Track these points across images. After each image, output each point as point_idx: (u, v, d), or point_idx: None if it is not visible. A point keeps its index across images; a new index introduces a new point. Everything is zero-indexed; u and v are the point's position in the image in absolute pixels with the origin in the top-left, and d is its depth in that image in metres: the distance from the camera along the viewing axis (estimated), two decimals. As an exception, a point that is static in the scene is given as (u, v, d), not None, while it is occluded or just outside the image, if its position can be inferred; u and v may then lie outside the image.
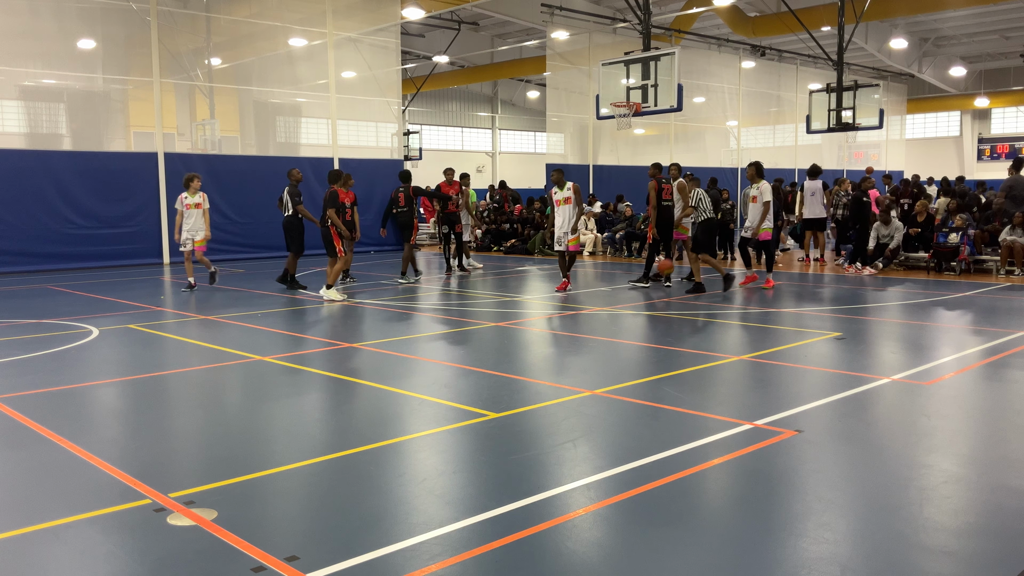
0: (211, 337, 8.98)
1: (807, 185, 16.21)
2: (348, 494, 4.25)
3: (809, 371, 7.16)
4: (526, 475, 4.51)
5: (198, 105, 21.07)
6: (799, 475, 4.49)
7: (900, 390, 6.42)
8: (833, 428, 5.41)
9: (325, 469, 4.69)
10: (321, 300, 11.84)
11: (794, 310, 10.76)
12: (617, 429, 5.41)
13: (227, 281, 14.51)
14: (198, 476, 4.59)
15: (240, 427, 5.66)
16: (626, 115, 16.30)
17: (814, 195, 16.05)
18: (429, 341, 8.93)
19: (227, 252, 18.75)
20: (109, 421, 5.92)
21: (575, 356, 8.08)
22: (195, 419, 5.87)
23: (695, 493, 4.26)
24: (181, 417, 5.97)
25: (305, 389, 6.76)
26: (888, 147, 37.78)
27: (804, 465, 4.67)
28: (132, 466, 4.72)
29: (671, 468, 4.54)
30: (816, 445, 5.01)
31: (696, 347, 8.34)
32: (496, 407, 5.88)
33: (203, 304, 11.55)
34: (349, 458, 4.84)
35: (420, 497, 4.25)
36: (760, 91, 31.85)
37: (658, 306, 11.19)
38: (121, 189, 17.53)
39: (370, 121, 23.12)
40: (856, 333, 9.00)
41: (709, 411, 5.79)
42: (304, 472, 4.64)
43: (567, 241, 12.57)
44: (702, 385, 6.77)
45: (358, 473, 4.56)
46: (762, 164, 12.93)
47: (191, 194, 12.84)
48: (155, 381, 7.04)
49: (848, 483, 4.40)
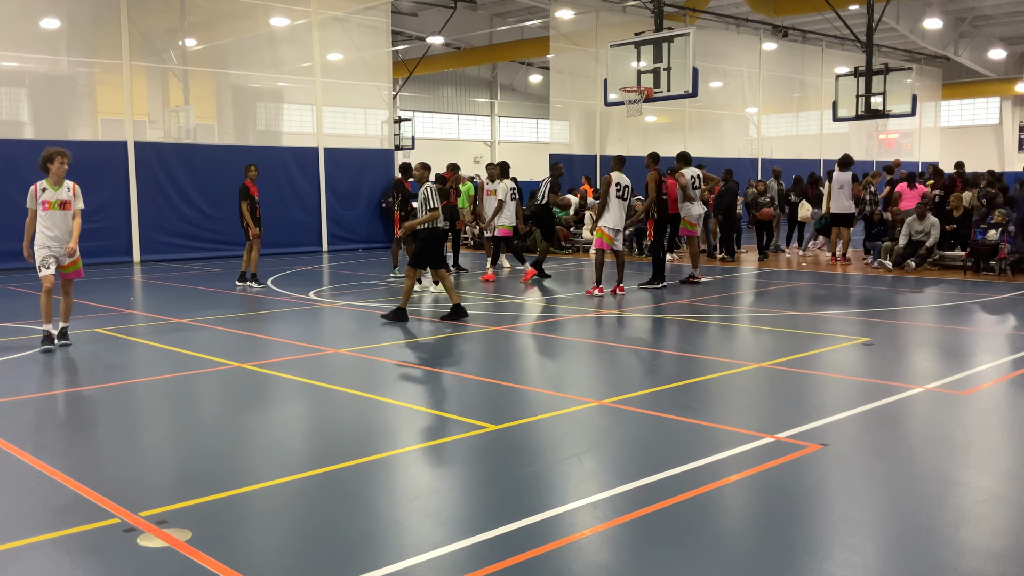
0: (184, 342, 8.98)
1: (836, 176, 16.19)
2: (333, 513, 4.25)
3: (835, 379, 7.16)
4: (527, 493, 4.50)
5: (171, 90, 21.06)
6: (824, 493, 4.49)
7: (934, 400, 6.41)
8: (861, 442, 5.40)
9: (308, 486, 4.68)
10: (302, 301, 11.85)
11: (819, 313, 10.76)
12: (626, 443, 5.41)
13: (202, 282, 14.52)
14: (171, 493, 4.58)
15: (216, 440, 5.66)
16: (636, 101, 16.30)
17: (842, 188, 16.03)
18: (421, 346, 8.93)
19: (201, 250, 18.77)
20: (74, 433, 5.91)
21: (580, 363, 8.08)
22: (167, 431, 5.87)
23: (711, 512, 4.26)
24: (152, 429, 5.96)
25: (287, 398, 6.76)
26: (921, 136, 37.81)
27: (829, 482, 4.66)
28: (99, 482, 4.72)
29: (685, 485, 4.54)
30: (843, 460, 5.00)
31: (712, 353, 8.33)
32: (495, 418, 5.88)
33: (176, 306, 11.55)
34: (334, 474, 4.84)
35: (412, 517, 4.25)
36: (782, 75, 31.86)
37: (670, 309, 11.19)
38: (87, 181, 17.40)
39: (358, 108, 23.12)
40: (886, 338, 9.00)
41: (726, 423, 5.79)
42: (285, 489, 4.64)
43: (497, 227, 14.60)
44: (719, 395, 6.76)
45: (344, 490, 4.56)
46: (508, 165, 14.83)
47: (53, 184, 8.52)
48: (124, 390, 7.03)
49: (877, 502, 4.40)
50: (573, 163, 26.55)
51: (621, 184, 12.15)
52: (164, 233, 18.46)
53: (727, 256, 17.05)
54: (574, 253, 19.27)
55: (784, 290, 13.15)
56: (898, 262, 14.97)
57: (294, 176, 20.32)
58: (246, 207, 13.03)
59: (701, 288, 12.93)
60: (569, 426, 5.76)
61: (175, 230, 18.56)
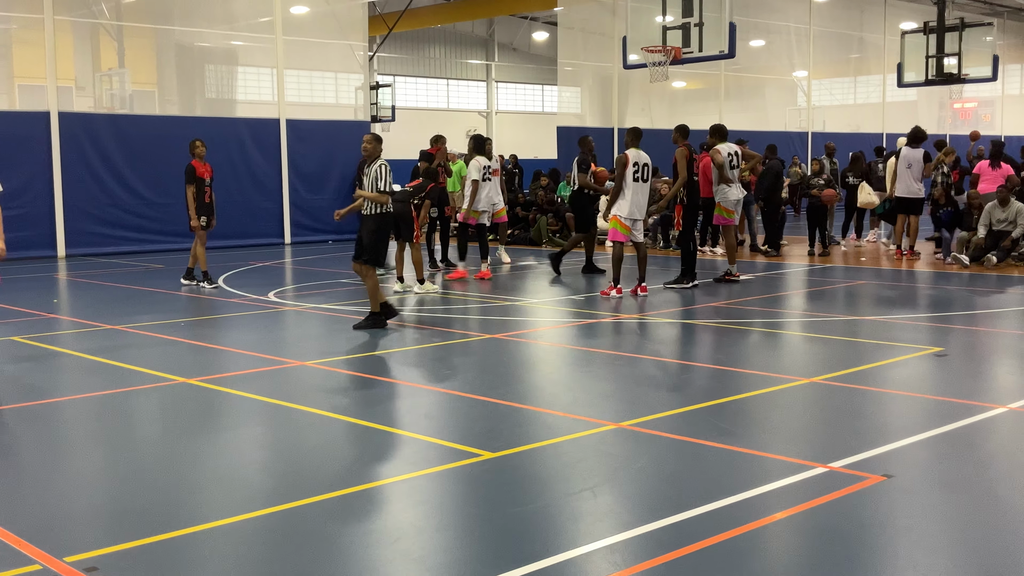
0: (120, 353, 8.98)
1: (904, 154, 16.06)
2: (299, 558, 4.25)
3: (900, 397, 7.16)
4: (531, 533, 4.51)
5: (103, 50, 21.07)
6: (887, 534, 4.49)
7: (1020, 422, 6.41)
8: (932, 472, 5.40)
9: (269, 525, 4.69)
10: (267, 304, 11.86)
11: (881, 318, 10.76)
12: (649, 473, 5.41)
13: (141, 281, 14.53)
14: (103, 535, 4.58)
15: (158, 471, 5.66)
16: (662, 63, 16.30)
17: (911, 167, 15.91)
18: (405, 357, 8.93)
19: (140, 242, 18.78)
20: (-13, 463, 5.92)
21: (594, 378, 8.09)
22: (99, 461, 5.87)
23: (751, 557, 4.26)
24: (81, 458, 5.96)
25: (242, 420, 6.76)
26: (1004, 105, 37.80)
27: (894, 520, 4.67)
28: (17, 522, 4.71)
29: (720, 524, 4.55)
30: (910, 494, 5.01)
31: (752, 366, 8.34)
32: (492, 444, 5.89)
33: (109, 310, 11.56)
34: (300, 511, 4.84)
35: (393, 562, 4.25)
36: (837, 32, 31.85)
37: (701, 313, 11.20)
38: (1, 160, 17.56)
39: (327, 71, 23.12)
40: (962, 348, 9.00)
41: (769, 450, 5.79)
42: (241, 529, 4.64)
43: (493, 213, 15.06)
44: (760, 416, 6.76)
45: (312, 531, 4.57)
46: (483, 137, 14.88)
47: None
48: (46, 411, 7.03)
49: (951, 544, 4.40)
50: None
51: (639, 163, 12.10)
52: (95, 222, 18.46)
53: (771, 250, 17.05)
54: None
55: (839, 290, 13.16)
56: (976, 256, 14.98)
57: (250, 153, 20.32)
58: (191, 192, 12.96)
59: (740, 288, 12.94)
60: (580, 453, 5.76)
61: (108, 219, 18.57)
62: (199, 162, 13.04)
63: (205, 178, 13.08)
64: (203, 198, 13.05)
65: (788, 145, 28.28)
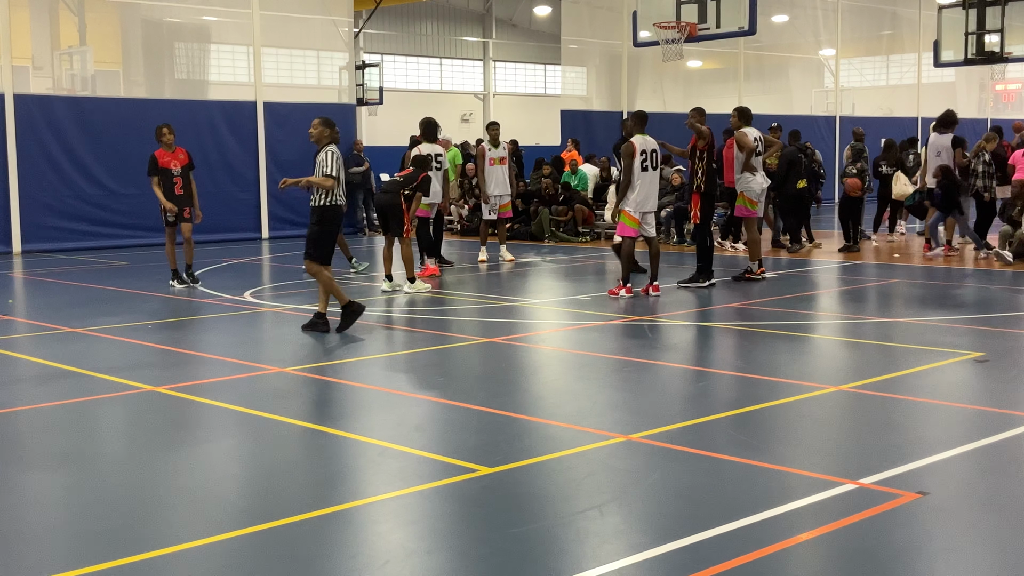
0: (80, 358, 8.98)
1: (933, 140, 16.13)
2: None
3: (937, 407, 7.16)
4: (532, 556, 4.51)
5: (63, 26, 21.06)
6: (923, 556, 4.49)
7: (1068, 435, 6.41)
8: (972, 489, 5.40)
9: (245, 547, 4.68)
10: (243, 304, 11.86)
11: (915, 320, 10.76)
12: (662, 490, 5.41)
13: (105, 279, 14.53)
14: (64, 557, 4.58)
15: (122, 487, 5.65)
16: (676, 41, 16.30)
17: (939, 155, 15.94)
18: (393, 363, 8.93)
19: (103, 237, 18.75)
20: (-65, 479, 5.91)
21: (602, 386, 8.09)
22: (58, 477, 5.86)
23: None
24: (38, 474, 5.96)
25: (215, 432, 6.76)
26: (1051, 87, 37.83)
27: (930, 542, 4.67)
28: (-32, 543, 4.72)
29: (740, 546, 4.55)
30: (948, 513, 5.01)
31: (776, 373, 8.34)
32: (490, 459, 5.89)
33: (69, 311, 11.56)
34: (279, 531, 4.84)
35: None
36: (867, 6, 31.88)
37: (718, 315, 11.20)
38: (-48, 146, 17.56)
39: (309, 50, 23.15)
40: (1005, 353, 9.00)
41: (794, 465, 5.79)
42: (213, 552, 4.64)
43: (499, 207, 15.56)
44: (784, 427, 6.76)
45: (291, 553, 4.56)
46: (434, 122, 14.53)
47: None
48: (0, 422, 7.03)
49: (991, 568, 4.40)
50: (592, 122, 26.51)
51: (647, 151, 12.08)
52: (53, 215, 18.45)
53: (793, 244, 17.04)
54: (593, 241, 19.30)
55: (870, 289, 13.17)
56: (1021, 252, 14.98)
57: (224, 139, 20.31)
58: (155, 184, 12.78)
59: (761, 287, 12.93)
60: (587, 468, 5.76)
61: (68, 211, 18.55)
62: (165, 150, 12.77)
63: (171, 168, 12.80)
64: (172, 190, 12.82)
65: (814, 130, 28.25)
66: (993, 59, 21.12)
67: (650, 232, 12.30)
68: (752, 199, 13.56)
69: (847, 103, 32.19)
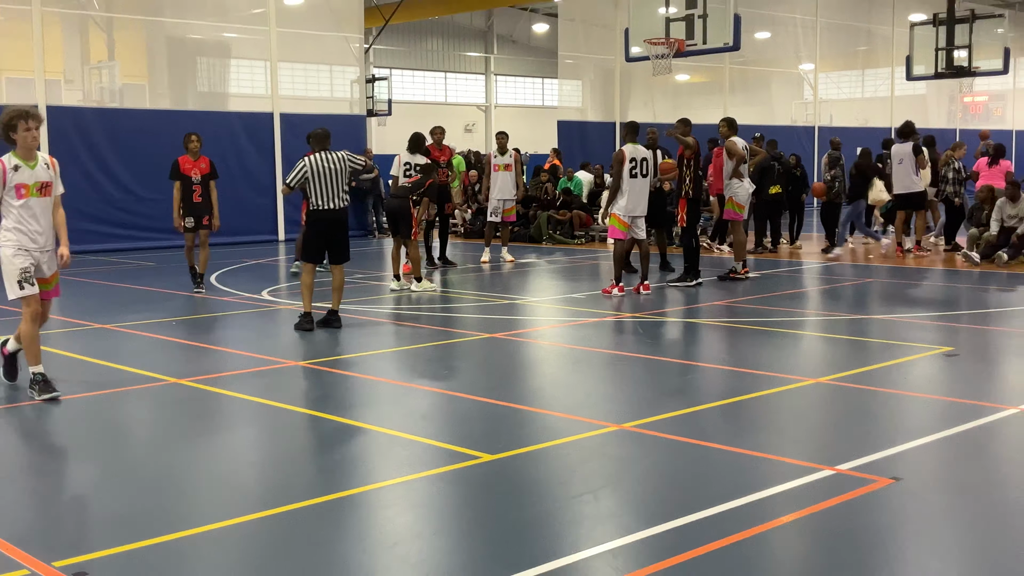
0: (109, 352, 8.98)
1: (895, 150, 16.19)
2: (292, 563, 4.25)
3: (909, 398, 7.16)
4: (531, 538, 4.51)
5: (92, 42, 21.03)
6: (897, 538, 4.49)
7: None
8: (942, 475, 5.40)
9: (262, 529, 4.68)
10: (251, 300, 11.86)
11: (889, 317, 10.76)
12: (652, 476, 5.41)
13: (132, 279, 14.52)
14: (93, 539, 4.58)
15: (148, 473, 5.65)
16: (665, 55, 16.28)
17: (902, 162, 15.99)
18: (401, 358, 8.93)
19: (130, 239, 18.75)
20: (-27, 465, 5.92)
21: (596, 379, 8.09)
22: (89, 463, 5.87)
23: (758, 562, 4.26)
24: (70, 461, 5.96)
25: (234, 422, 6.76)
26: (1016, 99, 37.78)
27: (904, 525, 4.67)
28: (4, 526, 4.72)
29: (725, 528, 4.54)
30: (919, 498, 5.01)
31: (758, 366, 8.33)
32: (491, 447, 5.89)
33: (99, 309, 11.55)
34: (294, 515, 4.84)
35: (390, 567, 4.25)
36: (844, 24, 31.82)
37: (705, 311, 11.19)
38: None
39: (323, 64, 23.09)
40: (973, 347, 9.00)
41: (775, 452, 5.79)
42: (233, 534, 4.64)
43: (503, 211, 15.71)
44: (766, 417, 6.76)
45: (306, 535, 4.56)
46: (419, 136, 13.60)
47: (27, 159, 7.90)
48: (35, 412, 7.03)
49: (962, 549, 4.40)
50: (587, 132, 26.54)
51: (637, 159, 12.10)
52: (84, 219, 18.38)
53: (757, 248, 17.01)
54: (588, 243, 19.29)
55: (847, 288, 13.17)
56: (987, 254, 14.98)
57: (243, 148, 20.29)
58: (176, 190, 12.36)
59: (744, 286, 12.93)
60: (582, 456, 5.76)
61: (98, 215, 18.52)
62: (188, 158, 12.41)
63: (191, 175, 12.39)
64: (191, 197, 12.39)
65: (793, 139, 28.22)
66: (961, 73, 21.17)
67: (639, 235, 12.31)
68: (739, 203, 13.58)
69: (825, 114, 32.17)
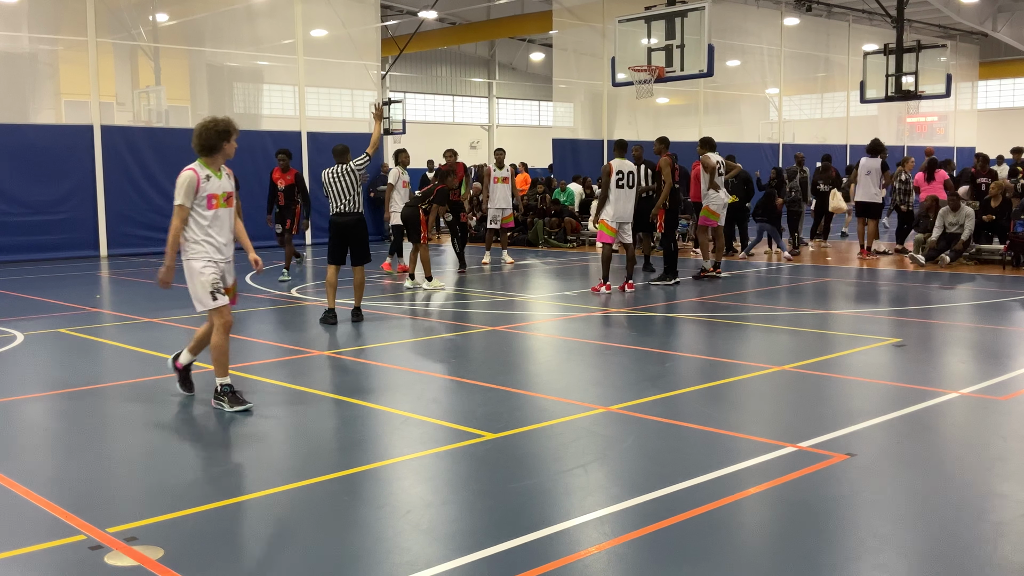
0: (155, 343, 8.98)
1: (864, 163, 16.29)
2: (317, 529, 4.25)
3: (863, 384, 7.16)
4: (528, 506, 4.51)
5: (141, 69, 21.04)
6: (851, 507, 4.49)
7: (971, 406, 6.41)
8: (891, 451, 5.40)
9: (290, 499, 4.68)
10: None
11: (845, 312, 10.76)
12: (636, 452, 5.41)
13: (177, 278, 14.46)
14: (141, 508, 4.58)
15: (191, 450, 5.66)
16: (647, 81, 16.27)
17: (869, 175, 16.12)
18: (413, 348, 8.93)
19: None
20: (36, 442, 5.91)
21: (586, 366, 8.08)
22: (138, 441, 5.87)
23: (728, 528, 4.26)
24: (121, 438, 5.96)
25: (267, 405, 6.76)
26: (957, 119, 37.75)
27: (857, 495, 4.67)
28: (63, 496, 4.72)
29: (700, 498, 4.54)
30: (871, 471, 5.01)
31: (729, 355, 8.33)
32: (493, 426, 5.89)
33: (147, 304, 11.54)
34: (318, 487, 4.84)
35: (404, 533, 4.25)
36: (805, 53, 31.83)
37: (682, 307, 11.19)
38: (50, 169, 17.52)
39: (344, 88, 23.10)
40: (919, 339, 9.00)
41: (744, 431, 5.79)
42: (265, 503, 4.64)
43: (501, 218, 15.88)
44: (736, 400, 6.76)
45: (329, 504, 4.56)
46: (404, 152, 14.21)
47: (216, 170, 7.23)
48: (90, 395, 7.03)
49: (909, 516, 4.40)
50: (578, 149, 26.58)
51: (624, 171, 12.11)
52: (133, 225, 18.44)
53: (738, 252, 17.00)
54: (579, 247, 19.28)
55: (808, 287, 13.16)
56: (931, 256, 14.98)
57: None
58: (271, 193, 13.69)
59: (718, 285, 12.93)
60: (574, 434, 5.76)
61: (146, 222, 18.52)
62: (279, 169, 13.70)
63: (278, 184, 13.62)
64: (276, 202, 13.62)
65: (759, 156, 28.26)
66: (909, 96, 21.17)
67: (626, 239, 12.31)
68: (714, 211, 13.62)
69: (788, 133, 32.20)
